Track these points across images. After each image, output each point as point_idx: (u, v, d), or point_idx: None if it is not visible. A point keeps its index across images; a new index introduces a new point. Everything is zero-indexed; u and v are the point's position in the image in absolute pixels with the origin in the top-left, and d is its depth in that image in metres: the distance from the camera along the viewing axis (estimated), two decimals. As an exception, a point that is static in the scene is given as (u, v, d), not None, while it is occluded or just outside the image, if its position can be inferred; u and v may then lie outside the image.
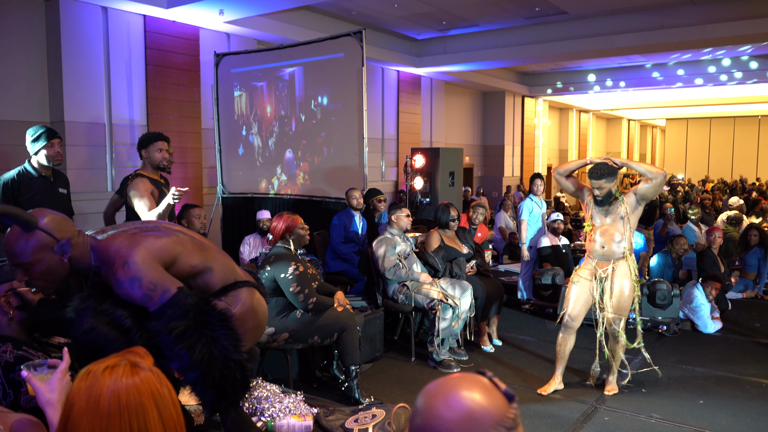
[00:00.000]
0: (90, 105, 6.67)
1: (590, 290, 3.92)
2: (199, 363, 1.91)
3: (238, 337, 2.02)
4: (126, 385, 1.00)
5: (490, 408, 0.87)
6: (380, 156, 11.44)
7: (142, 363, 1.05)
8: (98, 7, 6.66)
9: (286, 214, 3.85)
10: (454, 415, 0.85)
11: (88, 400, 0.99)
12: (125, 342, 1.86)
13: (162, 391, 1.03)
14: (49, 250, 1.91)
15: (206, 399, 1.97)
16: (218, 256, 2.24)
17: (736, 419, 3.66)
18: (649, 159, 29.47)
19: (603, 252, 3.87)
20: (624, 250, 3.85)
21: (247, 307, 2.18)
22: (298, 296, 3.62)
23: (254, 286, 2.29)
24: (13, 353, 1.91)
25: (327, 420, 2.28)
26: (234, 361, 1.97)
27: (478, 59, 10.86)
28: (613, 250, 3.85)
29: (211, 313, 1.99)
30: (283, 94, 6.55)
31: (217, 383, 1.94)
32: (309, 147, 6.37)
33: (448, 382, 0.91)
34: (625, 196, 3.85)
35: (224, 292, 2.17)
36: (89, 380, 1.02)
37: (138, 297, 1.93)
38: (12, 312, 1.99)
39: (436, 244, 4.99)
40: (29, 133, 3.79)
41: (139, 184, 3.83)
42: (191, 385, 1.95)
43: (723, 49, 11.35)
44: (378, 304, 4.81)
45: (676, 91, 15.89)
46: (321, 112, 6.23)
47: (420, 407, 0.90)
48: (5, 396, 1.82)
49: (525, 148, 16.33)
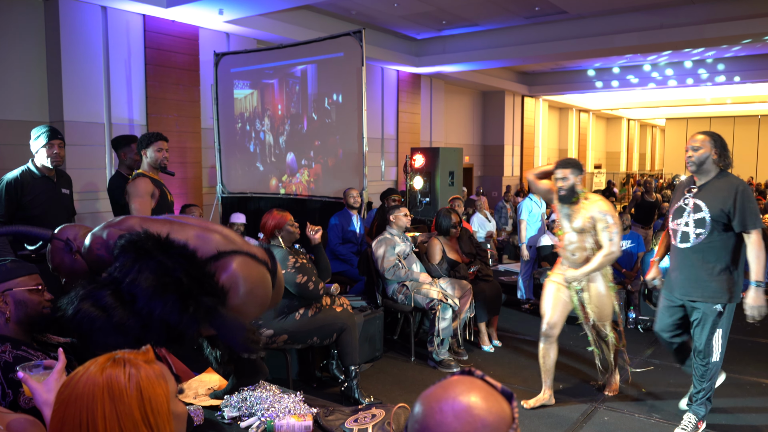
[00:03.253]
0: (89, 104, 6.67)
1: (567, 298, 3.77)
2: (150, 287, 1.79)
3: (188, 255, 1.92)
4: (87, 378, 1.02)
5: (501, 413, 0.86)
6: (380, 156, 11.43)
7: (122, 360, 1.05)
8: (98, 6, 6.66)
9: (275, 211, 3.80)
10: (470, 428, 0.84)
11: (63, 387, 1.04)
12: (108, 321, 1.77)
13: (125, 390, 1.01)
14: (62, 252, 2.13)
15: (178, 322, 1.80)
16: (212, 235, 2.12)
17: (736, 419, 3.65)
18: (649, 158, 29.49)
19: (574, 259, 3.72)
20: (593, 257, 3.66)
21: (237, 276, 2.01)
22: (307, 285, 3.58)
23: (250, 256, 2.12)
24: (12, 353, 1.90)
25: (327, 420, 2.27)
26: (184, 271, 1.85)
27: (477, 59, 10.86)
28: (585, 257, 3.68)
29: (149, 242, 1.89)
30: (284, 93, 6.55)
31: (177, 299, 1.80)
32: (309, 147, 6.37)
33: (450, 393, 0.87)
34: (589, 213, 3.59)
35: (212, 260, 2.03)
36: (76, 371, 1.05)
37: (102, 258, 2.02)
38: (9, 312, 1.98)
39: (439, 256, 4.98)
40: (32, 132, 3.78)
41: (141, 184, 3.78)
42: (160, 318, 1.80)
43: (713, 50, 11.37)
44: (377, 304, 4.80)
45: (675, 91, 15.91)
46: (321, 111, 6.23)
47: (425, 419, 0.87)
48: (4, 396, 1.81)
49: (525, 147, 16.33)
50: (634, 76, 14.07)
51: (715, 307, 3.25)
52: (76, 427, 0.99)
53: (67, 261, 2.14)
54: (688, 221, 3.30)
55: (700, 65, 13.02)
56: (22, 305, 2.00)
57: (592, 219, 3.58)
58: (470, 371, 0.92)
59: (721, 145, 3.25)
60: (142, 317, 1.80)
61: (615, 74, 14.22)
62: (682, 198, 3.38)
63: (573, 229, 3.67)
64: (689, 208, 3.30)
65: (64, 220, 3.95)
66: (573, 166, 3.63)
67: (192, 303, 1.82)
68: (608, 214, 3.56)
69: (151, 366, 1.07)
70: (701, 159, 3.24)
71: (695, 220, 3.27)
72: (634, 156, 27.10)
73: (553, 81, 15.16)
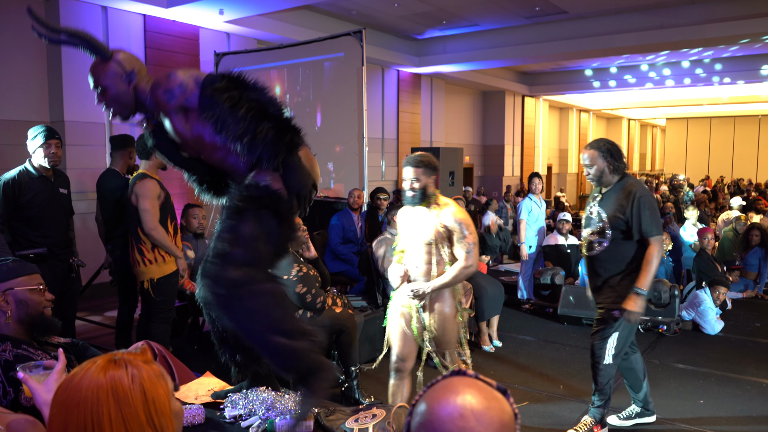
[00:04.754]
0: (90, 105, 6.66)
1: (410, 321, 3.14)
2: (245, 117, 2.01)
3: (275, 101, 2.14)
4: (89, 380, 1.01)
5: (505, 411, 0.87)
6: (380, 156, 11.43)
7: (123, 361, 1.05)
8: (98, 6, 6.66)
9: None
10: (481, 429, 0.84)
11: (62, 391, 1.03)
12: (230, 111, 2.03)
13: (130, 392, 1.01)
14: (119, 79, 2.17)
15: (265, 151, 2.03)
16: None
17: (736, 419, 3.65)
18: (650, 158, 29.51)
19: (418, 272, 3.07)
20: (434, 276, 3.03)
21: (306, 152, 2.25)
22: (305, 297, 3.58)
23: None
24: (12, 352, 1.91)
25: (327, 420, 2.27)
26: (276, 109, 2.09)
27: (478, 59, 10.87)
28: (428, 270, 3.03)
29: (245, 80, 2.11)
30: (284, 93, 6.55)
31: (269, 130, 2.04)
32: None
33: (453, 393, 0.87)
34: (442, 221, 2.98)
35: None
36: (74, 372, 1.04)
37: (178, 95, 2.10)
38: (10, 311, 1.98)
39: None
40: (29, 132, 3.78)
41: (151, 185, 3.74)
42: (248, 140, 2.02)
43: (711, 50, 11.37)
44: (378, 304, 4.80)
45: (676, 91, 15.91)
46: (321, 111, 6.23)
47: (430, 422, 0.86)
48: (5, 394, 1.82)
49: (525, 147, 16.34)
50: (632, 76, 14.08)
51: (614, 313, 3.19)
52: (81, 430, 0.99)
53: (118, 88, 2.17)
54: (593, 230, 3.27)
55: (698, 65, 13.02)
56: (23, 305, 2.00)
57: (445, 228, 2.99)
58: (463, 371, 0.92)
59: (611, 153, 3.17)
60: (251, 128, 2.02)
61: (613, 74, 14.22)
62: (588, 207, 3.34)
63: (419, 237, 3.05)
64: (594, 217, 3.26)
65: (62, 220, 3.95)
66: (426, 165, 3.01)
67: (288, 134, 2.10)
68: (463, 223, 2.98)
69: (151, 366, 1.07)
70: (597, 174, 3.20)
71: (597, 229, 3.23)
72: (635, 156, 27.11)
73: (553, 81, 15.17)
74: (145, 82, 2.22)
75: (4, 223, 3.69)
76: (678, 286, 5.48)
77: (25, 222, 3.74)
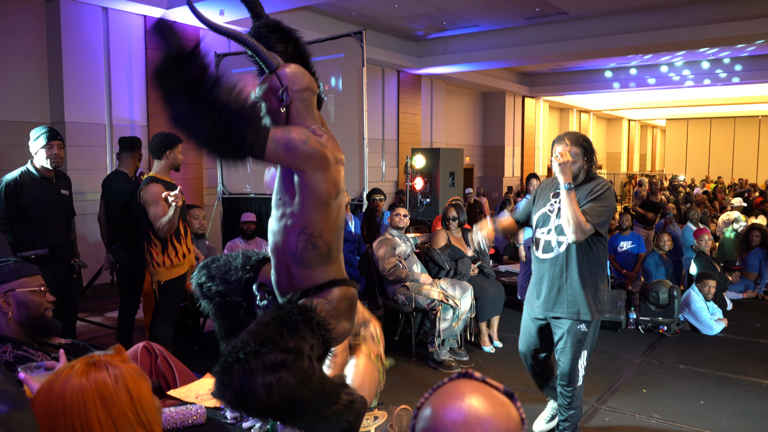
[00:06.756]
0: (90, 105, 6.67)
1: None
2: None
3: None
4: (72, 385, 1.00)
5: (512, 416, 0.87)
6: (380, 156, 11.44)
7: (102, 363, 1.04)
8: (98, 7, 6.67)
9: None
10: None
11: (42, 399, 1.01)
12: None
13: (115, 393, 1.00)
14: (274, 95, 2.04)
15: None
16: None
17: (736, 419, 3.65)
18: (650, 159, 29.49)
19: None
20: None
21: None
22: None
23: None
24: (12, 353, 1.91)
25: (327, 421, 2.27)
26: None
27: (478, 60, 10.87)
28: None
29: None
30: (284, 94, 6.56)
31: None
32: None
33: (460, 398, 0.87)
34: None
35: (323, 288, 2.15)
36: (51, 379, 1.03)
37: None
38: (11, 312, 1.99)
39: (443, 242, 5.00)
40: (31, 133, 3.78)
41: (156, 190, 3.73)
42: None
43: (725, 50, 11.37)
44: (378, 304, 4.81)
45: (676, 91, 15.92)
46: (321, 112, 6.23)
47: (436, 426, 0.86)
48: (5, 396, 1.82)
49: (525, 148, 16.34)
50: (632, 78, 14.08)
51: (579, 327, 3.00)
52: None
53: (271, 103, 2.06)
54: (551, 229, 3.05)
55: (696, 66, 13.02)
56: (24, 306, 2.01)
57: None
58: (470, 374, 0.92)
59: (591, 151, 3.04)
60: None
61: (610, 76, 14.23)
62: (548, 203, 3.11)
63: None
64: (554, 215, 3.04)
65: (64, 221, 3.95)
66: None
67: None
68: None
69: (130, 365, 1.07)
70: (576, 172, 3.00)
71: (557, 227, 3.01)
72: (635, 156, 27.10)
73: (553, 82, 15.18)
74: (297, 108, 2.08)
75: (6, 224, 3.69)
76: (678, 287, 5.48)
77: (27, 223, 3.75)
